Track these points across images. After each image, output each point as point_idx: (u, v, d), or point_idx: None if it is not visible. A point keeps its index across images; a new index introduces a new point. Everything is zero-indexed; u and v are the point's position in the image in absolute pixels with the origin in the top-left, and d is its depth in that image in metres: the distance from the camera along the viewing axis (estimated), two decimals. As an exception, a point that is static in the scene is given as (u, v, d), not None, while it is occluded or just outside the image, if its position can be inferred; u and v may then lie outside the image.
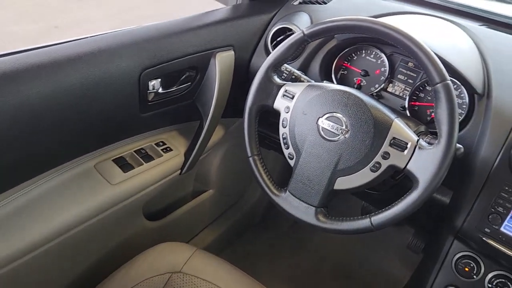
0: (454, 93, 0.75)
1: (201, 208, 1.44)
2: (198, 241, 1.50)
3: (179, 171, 1.16)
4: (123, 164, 1.04)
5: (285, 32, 1.14)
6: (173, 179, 1.16)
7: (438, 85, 0.75)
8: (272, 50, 1.03)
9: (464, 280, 0.96)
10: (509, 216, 0.86)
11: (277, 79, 0.92)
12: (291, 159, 0.89)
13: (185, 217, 1.36)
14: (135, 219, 1.16)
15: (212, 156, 1.40)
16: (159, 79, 1.02)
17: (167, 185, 1.15)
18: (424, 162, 0.76)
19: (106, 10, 4.44)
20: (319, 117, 0.85)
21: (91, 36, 0.95)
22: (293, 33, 1.12)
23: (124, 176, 1.02)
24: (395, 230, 1.73)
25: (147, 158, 1.08)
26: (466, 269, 0.95)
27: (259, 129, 0.96)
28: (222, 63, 1.09)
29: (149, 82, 0.99)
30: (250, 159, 0.93)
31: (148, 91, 1.00)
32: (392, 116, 0.81)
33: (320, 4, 1.22)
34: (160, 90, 1.03)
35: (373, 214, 0.80)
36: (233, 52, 1.13)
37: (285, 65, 0.97)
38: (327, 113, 0.84)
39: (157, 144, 1.12)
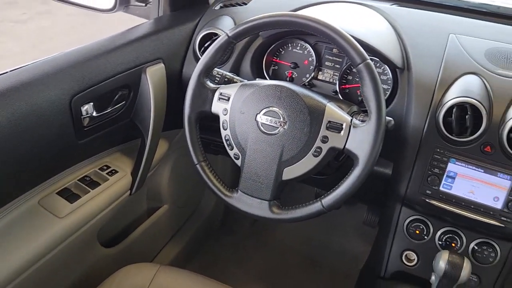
0: (376, 71, 0.80)
1: (158, 225, 1.42)
2: (161, 258, 1.48)
3: (129, 191, 1.14)
4: (69, 195, 1.01)
5: (211, 38, 1.16)
6: (124, 201, 1.14)
7: (360, 65, 0.80)
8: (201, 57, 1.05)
9: (417, 242, 1.03)
10: (445, 175, 0.93)
11: (210, 84, 0.94)
12: (237, 159, 0.90)
13: (144, 237, 1.34)
14: (91, 248, 1.12)
15: (161, 171, 1.39)
16: (92, 103, 1.00)
17: (119, 208, 1.13)
18: (360, 139, 0.80)
19: (23, 42, 4.25)
20: (257, 114, 0.87)
21: (11, 70, 0.92)
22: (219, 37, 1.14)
23: (72, 207, 0.99)
24: (350, 211, 1.80)
25: (93, 184, 1.06)
26: (417, 231, 1.02)
27: (202, 136, 0.96)
28: (153, 77, 1.09)
29: (82, 107, 0.97)
30: (197, 166, 0.93)
31: (82, 117, 0.98)
32: (324, 101, 0.85)
33: (241, 5, 1.25)
34: (95, 114, 1.01)
35: (322, 197, 0.84)
36: (163, 65, 1.13)
37: (216, 69, 0.99)
38: (264, 108, 0.87)
39: (101, 169, 1.10)
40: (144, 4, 1.31)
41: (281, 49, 1.17)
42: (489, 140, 0.88)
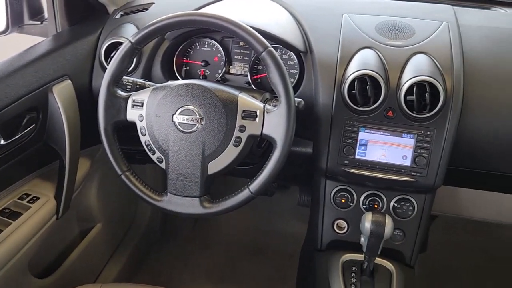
0: (279, 57, 0.85)
1: (95, 245, 1.38)
2: (104, 277, 1.44)
3: (55, 216, 1.10)
4: (-10, 231, 0.95)
5: (116, 47, 1.14)
6: (52, 227, 1.09)
7: (263, 53, 0.84)
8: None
9: (344, 210, 1.10)
10: (358, 144, 1.00)
11: (121, 93, 0.93)
12: (161, 162, 0.91)
13: (81, 260, 1.29)
14: (24, 282, 1.07)
15: (87, 190, 1.34)
16: None
17: (48, 235, 1.08)
18: (275, 122, 0.85)
19: None
20: (173, 114, 0.88)
21: None
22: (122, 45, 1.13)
23: None
24: (285, 196, 1.87)
25: (14, 215, 1.00)
26: (343, 200, 1.09)
27: (125, 147, 0.96)
28: (61, 95, 1.05)
29: None
30: (122, 176, 0.93)
31: None
32: (236, 92, 0.88)
33: (142, 11, 1.24)
34: (2, 142, 0.96)
35: (249, 183, 0.87)
36: (70, 81, 1.09)
37: (126, 77, 0.98)
38: (179, 108, 0.88)
39: (21, 198, 1.05)
40: (39, 22, 1.25)
41: (189, 49, 1.18)
42: (390, 105, 0.97)
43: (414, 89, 0.94)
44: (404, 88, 0.95)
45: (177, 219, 1.80)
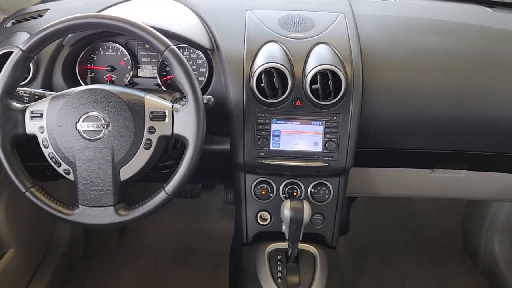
0: (182, 55, 0.84)
1: (9, 272, 1.27)
2: None
3: None
4: None
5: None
6: None
7: (165, 52, 0.83)
8: None
9: (266, 201, 1.12)
10: (271, 135, 1.03)
11: (17, 105, 0.87)
12: (68, 174, 0.86)
13: None
14: None
15: None
16: None
17: None
18: (184, 121, 0.84)
19: None
20: (76, 123, 0.84)
21: None
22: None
23: None
24: (210, 195, 1.86)
25: None
26: (263, 192, 1.11)
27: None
28: None
29: None
30: (27, 193, 0.86)
31: None
32: (142, 94, 0.86)
33: (36, 18, 1.17)
34: None
35: (165, 185, 0.86)
36: None
37: (23, 88, 0.92)
38: (82, 115, 0.84)
39: None
40: None
41: (93, 55, 1.13)
42: (297, 95, 1.01)
43: (318, 78, 0.98)
44: (309, 78, 0.99)
45: (101, 234, 1.72)
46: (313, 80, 0.99)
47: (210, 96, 0.93)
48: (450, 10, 1.23)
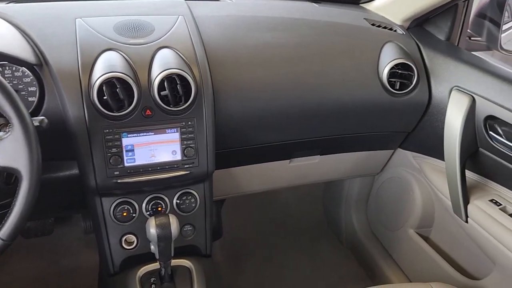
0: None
1: None
2: None
3: None
4: None
5: None
6: None
7: None
8: None
9: (129, 223, 1.02)
10: (124, 151, 0.94)
11: None
12: None
13: None
14: None
15: None
16: None
17: None
18: (12, 150, 0.71)
19: None
20: None
21: None
22: None
23: None
24: (67, 227, 1.66)
25: None
26: (124, 214, 1.01)
27: None
28: None
29: None
30: None
31: None
32: None
33: None
34: None
35: None
36: None
37: None
38: None
39: None
40: None
41: None
42: (146, 104, 0.94)
43: (165, 83, 0.93)
44: (156, 85, 0.93)
45: None
46: (161, 87, 0.93)
47: (42, 117, 0.80)
48: (283, 7, 1.30)
